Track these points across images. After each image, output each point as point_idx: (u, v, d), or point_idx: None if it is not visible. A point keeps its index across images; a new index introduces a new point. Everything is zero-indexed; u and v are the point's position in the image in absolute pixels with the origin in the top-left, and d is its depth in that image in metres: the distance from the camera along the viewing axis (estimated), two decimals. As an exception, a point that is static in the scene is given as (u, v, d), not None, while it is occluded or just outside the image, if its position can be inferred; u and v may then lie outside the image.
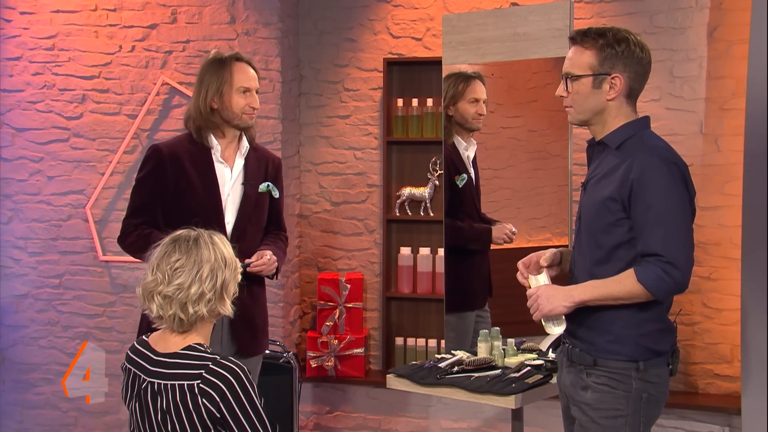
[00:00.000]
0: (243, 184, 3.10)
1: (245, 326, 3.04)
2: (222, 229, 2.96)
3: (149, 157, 3.06)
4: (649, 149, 2.40)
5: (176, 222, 2.82)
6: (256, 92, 3.10)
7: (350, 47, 4.46)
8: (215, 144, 3.06)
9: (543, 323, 2.54)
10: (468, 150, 3.75)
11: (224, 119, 3.06)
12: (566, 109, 2.53)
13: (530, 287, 2.58)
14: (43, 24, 4.47)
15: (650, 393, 2.45)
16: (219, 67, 3.06)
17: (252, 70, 3.10)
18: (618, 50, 2.43)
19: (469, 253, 3.82)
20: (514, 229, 3.71)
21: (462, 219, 3.76)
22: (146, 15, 4.39)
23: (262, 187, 3.14)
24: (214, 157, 3.06)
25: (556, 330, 2.53)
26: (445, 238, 3.77)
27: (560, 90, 2.51)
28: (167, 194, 3.03)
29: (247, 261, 2.94)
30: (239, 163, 3.11)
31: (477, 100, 3.69)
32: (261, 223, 3.17)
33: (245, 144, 3.13)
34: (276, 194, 3.19)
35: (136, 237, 3.02)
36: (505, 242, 3.72)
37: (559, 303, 2.47)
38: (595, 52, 2.44)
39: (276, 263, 3.06)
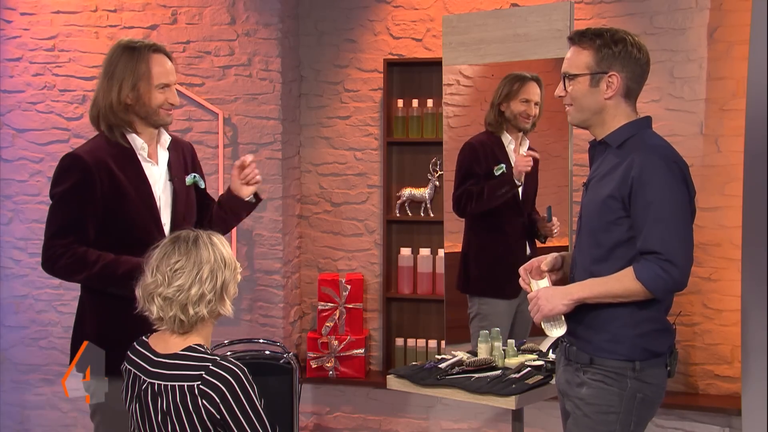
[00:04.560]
0: (170, 180, 2.84)
1: None
2: (160, 232, 2.74)
3: (68, 168, 2.70)
4: (650, 148, 2.40)
5: (112, 233, 2.69)
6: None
7: (350, 48, 4.46)
8: (140, 143, 2.78)
9: (543, 326, 2.54)
10: (512, 144, 3.70)
11: (140, 116, 2.77)
12: (566, 108, 2.54)
13: (531, 291, 2.58)
14: (43, 25, 4.47)
15: (645, 394, 2.44)
16: (132, 58, 2.74)
17: (170, 63, 2.81)
18: (615, 50, 2.44)
19: (501, 235, 3.74)
20: (535, 155, 3.59)
21: (499, 208, 3.68)
22: (146, 16, 4.38)
23: (189, 179, 2.91)
24: (140, 156, 2.78)
25: (556, 333, 2.53)
26: (470, 208, 3.68)
27: (559, 90, 2.53)
28: (98, 206, 2.69)
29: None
30: (163, 157, 2.85)
31: (528, 101, 3.65)
32: (193, 218, 2.92)
33: (166, 136, 2.86)
34: (202, 185, 2.96)
35: (69, 258, 2.66)
36: (529, 165, 3.58)
37: (559, 302, 2.47)
38: (592, 51, 2.45)
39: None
